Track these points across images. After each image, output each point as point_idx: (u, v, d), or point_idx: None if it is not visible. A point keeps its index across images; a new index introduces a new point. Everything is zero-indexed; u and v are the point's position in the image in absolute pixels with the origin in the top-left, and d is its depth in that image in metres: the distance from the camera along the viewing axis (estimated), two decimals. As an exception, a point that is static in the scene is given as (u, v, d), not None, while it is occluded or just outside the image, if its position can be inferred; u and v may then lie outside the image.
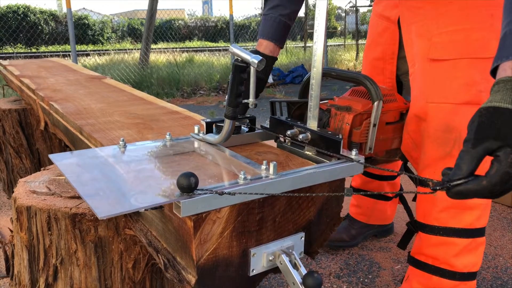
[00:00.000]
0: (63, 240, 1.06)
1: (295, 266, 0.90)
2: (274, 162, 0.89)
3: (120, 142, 1.05)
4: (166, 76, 7.75)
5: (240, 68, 0.94)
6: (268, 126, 1.22)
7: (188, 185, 0.77)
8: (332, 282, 1.62)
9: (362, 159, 1.01)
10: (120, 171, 0.92)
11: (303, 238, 0.98)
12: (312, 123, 1.11)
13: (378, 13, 1.52)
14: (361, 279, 1.64)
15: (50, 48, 13.80)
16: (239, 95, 0.98)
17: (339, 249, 1.85)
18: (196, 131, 1.14)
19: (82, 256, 1.06)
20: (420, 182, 1.32)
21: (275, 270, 0.95)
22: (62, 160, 0.96)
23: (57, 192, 1.14)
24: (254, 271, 0.91)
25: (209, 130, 1.14)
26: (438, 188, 0.73)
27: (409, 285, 1.38)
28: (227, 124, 1.01)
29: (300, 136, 1.09)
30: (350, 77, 1.18)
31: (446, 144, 1.23)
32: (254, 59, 0.91)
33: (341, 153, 1.02)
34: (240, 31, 16.13)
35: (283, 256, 0.91)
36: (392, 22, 1.44)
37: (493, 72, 0.78)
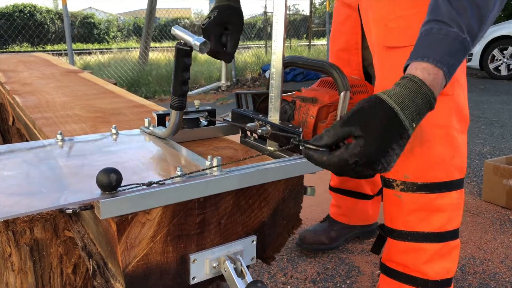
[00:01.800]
0: (-3, 243, 0.97)
1: (240, 274, 0.81)
2: (218, 157, 0.80)
3: (58, 136, 0.96)
4: (165, 73, 7.70)
5: (183, 51, 0.84)
6: (230, 119, 1.12)
7: (108, 183, 0.67)
8: (307, 287, 1.52)
9: (323, 154, 0.91)
10: (49, 166, 0.83)
11: (254, 242, 0.88)
12: (274, 116, 1.01)
13: (341, 0, 1.42)
14: (338, 285, 1.53)
15: (56, 47, 13.80)
16: (184, 82, 0.88)
17: (319, 252, 1.75)
18: (146, 124, 1.04)
19: (17, 260, 0.97)
20: (384, 182, 1.22)
21: (223, 277, 0.85)
22: (-15, 154, 0.87)
23: (10, 185, 1.05)
24: (196, 279, 0.81)
25: (161, 123, 1.05)
26: (294, 142, 0.79)
27: None
28: (173, 116, 0.92)
29: (260, 130, 0.99)
30: (316, 65, 1.08)
31: None
32: (196, 41, 0.81)
33: (300, 148, 0.92)
34: (246, 29, 16.01)
35: (228, 263, 0.81)
36: (353, 10, 1.35)
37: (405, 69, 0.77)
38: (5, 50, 11.76)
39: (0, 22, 13.42)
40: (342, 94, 1.02)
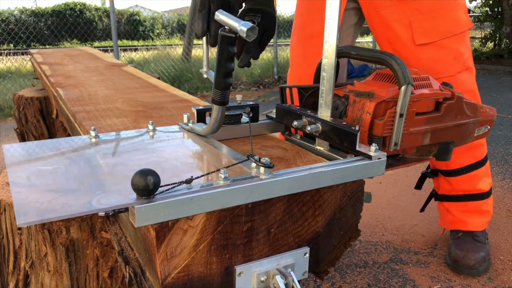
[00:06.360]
0: (33, 241, 0.93)
1: (291, 291, 0.72)
2: (266, 158, 0.71)
3: (91, 132, 0.90)
4: (208, 70, 7.71)
5: (227, 39, 0.76)
6: (274, 116, 1.03)
7: (144, 186, 0.60)
8: (356, 298, 1.41)
9: (383, 156, 0.81)
10: (81, 165, 0.77)
11: (307, 255, 0.79)
12: (324, 112, 0.92)
13: None
14: (391, 297, 1.41)
15: (103, 43, 14.26)
16: (228, 74, 0.79)
17: (369, 262, 1.62)
18: (185, 120, 0.97)
19: (52, 260, 0.92)
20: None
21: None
22: (14, 151, 0.82)
23: (36, 184, 1.01)
24: (241, 293, 0.73)
25: (201, 119, 0.97)
26: None
27: (451, 215, 1.60)
28: (215, 111, 0.84)
29: (309, 128, 0.89)
30: (373, 56, 0.96)
31: None
32: (242, 27, 0.72)
33: (357, 148, 0.82)
34: (289, 26, 15.92)
35: (278, 278, 0.72)
36: None
37: None
38: (56, 46, 12.25)
39: (52, 19, 13.99)
40: (403, 88, 0.91)
